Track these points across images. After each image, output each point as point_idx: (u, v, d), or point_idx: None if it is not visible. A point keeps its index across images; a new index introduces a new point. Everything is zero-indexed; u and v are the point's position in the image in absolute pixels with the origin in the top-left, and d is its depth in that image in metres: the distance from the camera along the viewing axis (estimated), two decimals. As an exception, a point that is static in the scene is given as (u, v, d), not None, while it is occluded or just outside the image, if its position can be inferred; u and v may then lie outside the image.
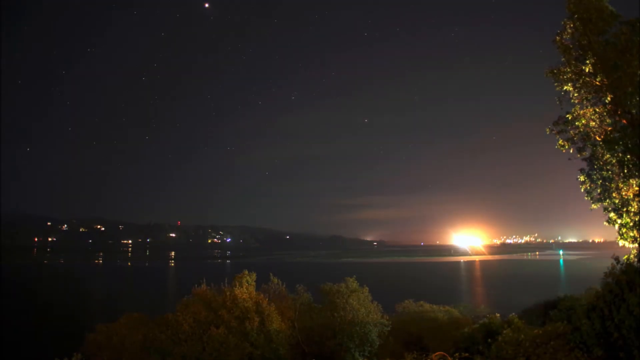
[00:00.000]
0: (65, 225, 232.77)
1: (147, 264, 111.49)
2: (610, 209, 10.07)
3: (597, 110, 10.40)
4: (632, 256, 9.48)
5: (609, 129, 10.25)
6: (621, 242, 9.92)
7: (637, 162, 9.46)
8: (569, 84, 10.73)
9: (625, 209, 9.76)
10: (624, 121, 9.94)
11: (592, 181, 10.38)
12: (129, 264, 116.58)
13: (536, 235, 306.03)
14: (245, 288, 12.06)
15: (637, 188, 9.61)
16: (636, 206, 9.62)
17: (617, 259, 9.38)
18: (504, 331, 9.55)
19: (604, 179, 10.13)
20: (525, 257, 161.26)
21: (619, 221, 9.89)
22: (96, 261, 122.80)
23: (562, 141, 11.02)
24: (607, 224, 10.21)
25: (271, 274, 13.30)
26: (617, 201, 9.93)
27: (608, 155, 10.00)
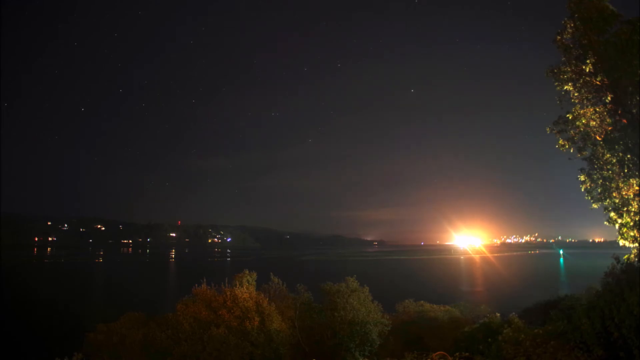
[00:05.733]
0: (66, 225, 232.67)
1: (147, 264, 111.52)
2: (610, 208, 10.06)
3: (598, 109, 10.40)
4: (632, 256, 9.50)
5: (610, 128, 10.25)
6: (621, 242, 9.92)
7: (638, 162, 9.46)
8: (569, 84, 10.73)
9: (625, 209, 9.76)
10: (624, 121, 9.95)
11: (592, 181, 10.37)
12: (129, 263, 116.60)
13: (536, 234, 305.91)
14: (246, 288, 12.06)
15: (637, 187, 9.61)
16: (636, 206, 9.62)
17: (617, 259, 9.40)
18: (504, 331, 9.55)
19: (604, 178, 10.12)
20: (525, 253, 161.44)
21: (619, 221, 9.89)
22: (96, 260, 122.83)
23: (563, 141, 11.02)
24: (607, 223, 10.21)
25: (271, 274, 13.30)
26: (617, 201, 9.93)
27: (608, 155, 10.00)
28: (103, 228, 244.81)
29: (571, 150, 10.91)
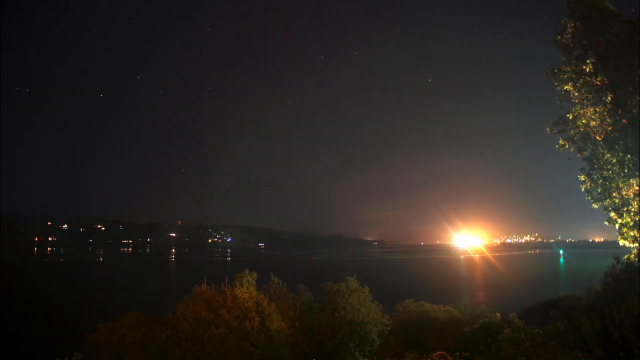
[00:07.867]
0: (65, 225, 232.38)
1: (147, 264, 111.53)
2: (610, 208, 10.08)
3: (598, 109, 10.41)
4: (632, 256, 9.52)
5: (610, 128, 10.26)
6: (621, 242, 9.93)
7: (638, 162, 9.47)
8: (570, 84, 10.74)
9: (625, 209, 9.77)
10: (625, 121, 9.96)
11: (592, 181, 10.38)
12: (129, 263, 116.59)
13: (536, 234, 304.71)
14: (246, 288, 12.07)
15: (637, 187, 9.61)
16: (636, 206, 9.63)
17: (617, 259, 9.42)
18: (504, 331, 9.57)
19: (604, 178, 10.13)
20: (525, 253, 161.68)
21: (619, 221, 9.90)
22: (96, 260, 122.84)
23: (563, 141, 11.04)
24: (607, 223, 10.22)
25: (272, 274, 13.29)
26: (617, 201, 9.94)
27: (608, 155, 10.02)
28: (103, 228, 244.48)
29: (571, 150, 10.93)
